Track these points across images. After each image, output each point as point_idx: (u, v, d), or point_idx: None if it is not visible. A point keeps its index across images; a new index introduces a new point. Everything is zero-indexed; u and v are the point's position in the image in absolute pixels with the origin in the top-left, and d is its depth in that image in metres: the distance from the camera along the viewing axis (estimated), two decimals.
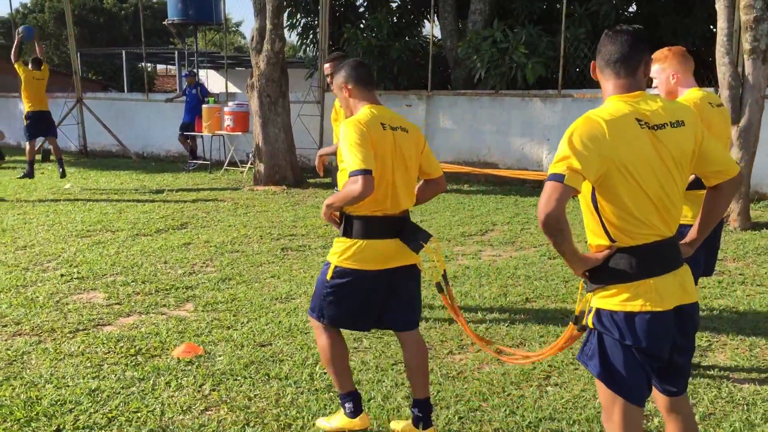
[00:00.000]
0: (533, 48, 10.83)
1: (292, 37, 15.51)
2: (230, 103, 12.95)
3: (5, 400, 3.59)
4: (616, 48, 2.31)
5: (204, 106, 12.83)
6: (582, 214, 2.38)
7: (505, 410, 3.50)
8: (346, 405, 3.23)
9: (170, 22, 20.89)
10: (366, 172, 2.82)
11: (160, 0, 32.70)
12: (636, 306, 2.24)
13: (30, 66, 10.76)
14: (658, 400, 2.50)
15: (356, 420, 3.22)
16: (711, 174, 2.43)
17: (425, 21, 14.29)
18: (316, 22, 13.49)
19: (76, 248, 6.89)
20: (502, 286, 5.64)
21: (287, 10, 13.51)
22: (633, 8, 13.10)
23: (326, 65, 5.00)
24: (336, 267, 3.13)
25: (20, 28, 11.28)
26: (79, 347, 4.32)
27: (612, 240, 2.27)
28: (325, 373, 3.91)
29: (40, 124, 10.55)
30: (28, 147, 10.63)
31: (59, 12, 27.62)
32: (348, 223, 3.10)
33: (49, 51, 34.74)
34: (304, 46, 14.83)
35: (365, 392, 3.68)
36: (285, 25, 12.84)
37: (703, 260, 3.68)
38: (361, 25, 13.42)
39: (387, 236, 3.08)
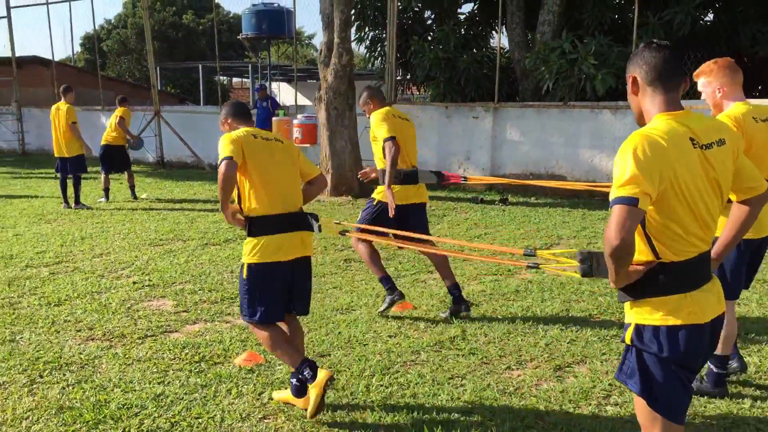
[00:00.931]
0: (603, 59, 10.64)
1: (360, 50, 15.72)
2: (299, 116, 13.20)
3: (76, 402, 3.76)
4: (662, 62, 2.28)
5: (274, 118, 13.12)
6: None
7: (562, 429, 3.45)
8: (305, 372, 3.48)
9: (245, 36, 21.51)
10: (228, 158, 3.39)
11: (236, 15, 33.68)
12: (679, 319, 2.24)
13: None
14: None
15: (300, 403, 3.61)
16: (742, 190, 2.47)
17: (493, 32, 14.23)
18: (384, 35, 13.63)
19: (148, 256, 7.15)
20: (565, 302, 5.54)
21: (355, 24, 13.70)
22: (710, 16, 12.71)
23: None
24: (248, 265, 3.59)
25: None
26: (146, 353, 4.48)
27: (657, 257, 2.26)
28: (381, 385, 3.94)
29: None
30: (103, 176, 11.07)
31: (140, 28, 28.76)
32: (251, 224, 3.55)
33: (131, 65, 36.22)
34: (372, 59, 14.99)
35: (420, 406, 3.69)
36: (353, 38, 13.02)
37: (746, 273, 3.70)
38: (429, 38, 13.47)
39: (284, 231, 3.57)
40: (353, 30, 13.26)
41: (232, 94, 39.30)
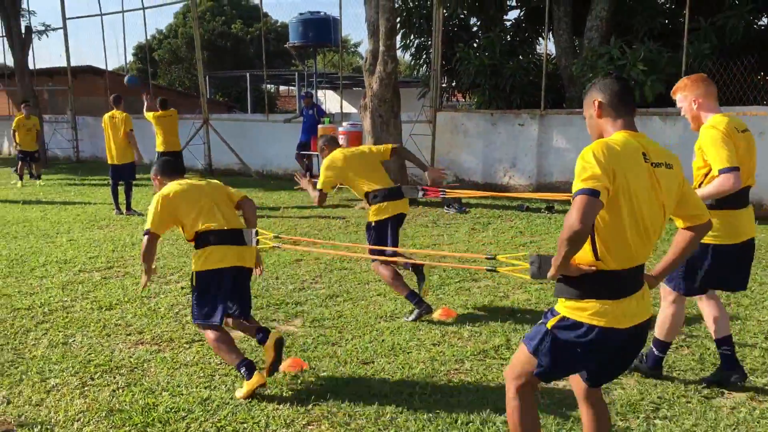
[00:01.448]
0: (653, 65, 10.45)
1: (405, 58, 15.76)
2: (344, 123, 13.28)
3: (125, 405, 3.84)
4: (622, 90, 2.67)
5: (320, 126, 13.23)
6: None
7: None
8: (242, 370, 3.96)
9: (291, 44, 21.74)
10: (148, 232, 4.19)
11: (283, 24, 34.12)
12: (602, 322, 2.52)
13: (158, 108, 11.94)
14: (576, 386, 2.87)
15: (254, 379, 3.93)
16: (686, 217, 2.74)
17: (539, 39, 14.12)
18: (429, 43, 13.65)
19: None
20: None
21: (401, 32, 13.74)
22: (764, 20, 12.39)
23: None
24: (196, 272, 4.12)
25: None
26: (194, 357, 4.56)
27: (597, 258, 2.51)
28: (425, 394, 3.94)
29: None
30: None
31: (190, 37, 29.34)
32: (197, 239, 4.14)
33: (181, 74, 37.00)
34: (417, 66, 15.01)
35: (465, 414, 3.67)
36: (398, 46, 13.05)
37: (732, 277, 3.96)
38: (474, 45, 13.43)
39: (224, 243, 4.09)
40: (399, 38, 13.31)
41: (279, 101, 39.80)
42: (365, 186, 5.52)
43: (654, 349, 4.13)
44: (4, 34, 21.65)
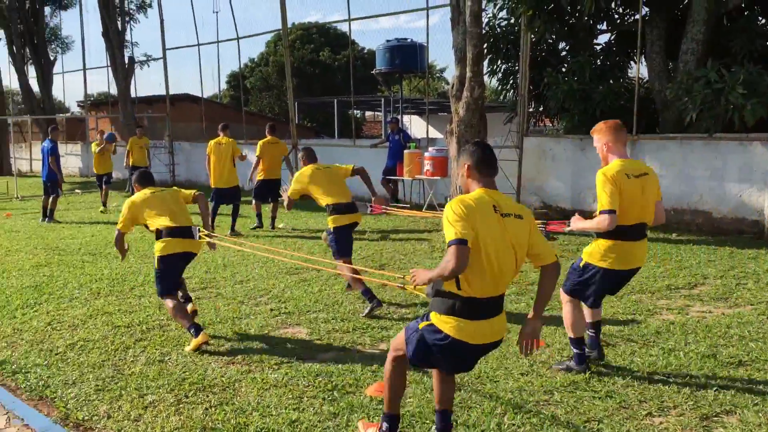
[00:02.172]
0: (753, 88, 10.01)
1: (492, 83, 15.71)
2: (430, 149, 13.33)
3: (218, 423, 3.94)
4: (487, 157, 3.33)
5: (405, 151, 13.33)
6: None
7: None
8: (192, 331, 5.27)
9: (378, 71, 22.10)
10: (118, 231, 5.88)
11: (370, 51, 34.69)
12: (458, 335, 3.22)
13: (267, 133, 12.01)
14: (435, 371, 3.60)
15: (199, 337, 5.22)
16: (534, 257, 3.35)
17: (631, 63, 13.78)
18: (516, 68, 13.56)
19: (284, 285, 7.43)
20: (712, 346, 5.20)
21: (487, 57, 13.72)
22: None
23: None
24: (158, 257, 5.57)
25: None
26: (282, 378, 4.64)
27: (459, 288, 3.19)
28: (513, 424, 3.87)
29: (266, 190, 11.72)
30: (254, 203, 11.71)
31: (281, 65, 30.23)
32: (157, 233, 5.59)
33: (271, 101, 38.12)
34: (504, 92, 14.93)
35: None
36: (485, 71, 13.03)
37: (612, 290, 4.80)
38: (563, 69, 13.24)
39: (178, 236, 5.55)
40: (485, 63, 13.28)
41: (365, 127, 40.38)
42: (323, 200, 6.58)
43: (574, 349, 4.73)
44: (109, 65, 22.96)
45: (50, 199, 13.36)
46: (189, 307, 5.74)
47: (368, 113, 41.26)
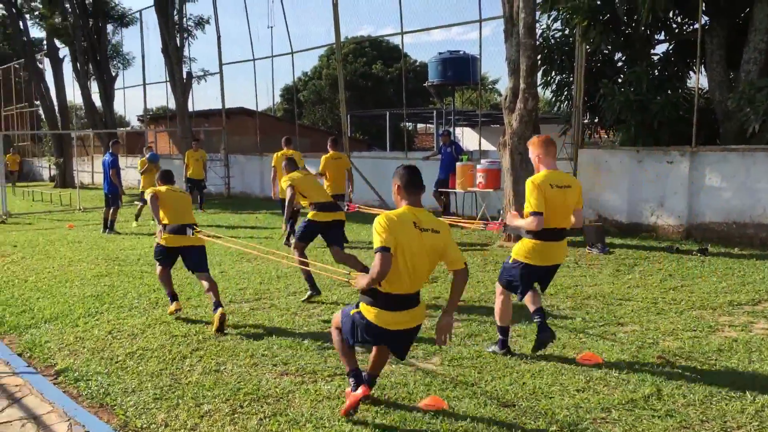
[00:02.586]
0: None
1: (546, 94, 15.54)
2: (483, 161, 13.25)
3: None
4: (413, 180, 4.05)
5: (458, 163, 13.28)
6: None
7: None
8: (170, 299, 6.90)
9: (430, 83, 22.10)
10: (151, 194, 6.83)
11: (422, 63, 34.76)
12: (378, 323, 4.01)
13: (329, 148, 11.75)
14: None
15: (173, 305, 6.81)
16: (448, 263, 4.06)
17: (690, 73, 13.46)
18: (570, 79, 13.40)
19: (337, 296, 7.47)
20: None
21: (541, 69, 13.59)
22: None
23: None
24: (157, 245, 6.88)
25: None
26: (336, 390, 4.65)
27: (379, 286, 3.94)
28: None
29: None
30: None
31: (334, 79, 30.55)
32: (163, 226, 6.68)
33: (324, 114, 38.53)
34: (558, 103, 14.76)
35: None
36: (539, 83, 12.92)
37: (540, 283, 5.45)
38: (619, 80, 13.02)
39: (173, 233, 6.64)
40: (539, 74, 13.16)
41: (417, 139, 40.42)
42: (305, 200, 7.82)
43: (499, 335, 5.49)
44: (168, 80, 23.57)
45: (111, 210, 13.76)
46: (219, 312, 6.22)
47: (420, 126, 41.30)
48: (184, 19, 23.54)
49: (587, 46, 12.53)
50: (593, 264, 9.13)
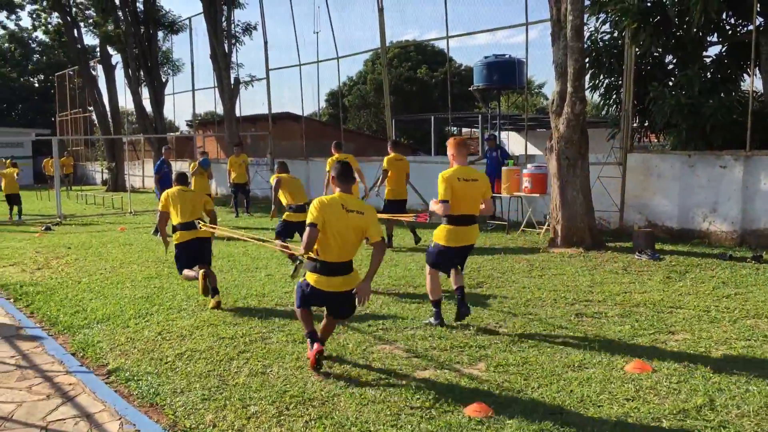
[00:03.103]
0: None
1: (594, 97, 15.32)
2: (529, 165, 13.13)
3: None
4: (344, 173, 5.17)
5: (503, 168, 13.18)
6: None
7: None
8: (190, 278, 7.69)
9: (476, 87, 21.99)
10: (159, 211, 7.81)
11: (467, 67, 34.64)
12: (317, 285, 5.11)
13: (389, 150, 11.90)
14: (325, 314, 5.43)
15: (211, 302, 7.39)
16: (369, 237, 5.11)
17: (744, 75, 13.11)
18: (619, 82, 13.18)
19: (382, 301, 7.48)
20: None
21: (589, 72, 13.40)
22: None
23: None
24: (175, 244, 7.53)
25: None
26: (381, 395, 4.66)
27: (317, 255, 5.06)
28: None
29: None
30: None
31: (379, 83, 30.65)
32: (174, 226, 7.52)
33: (369, 118, 38.68)
34: (606, 107, 14.52)
35: None
36: (587, 86, 12.73)
37: (456, 263, 6.48)
38: (670, 83, 12.76)
39: (184, 230, 7.44)
40: (587, 78, 12.97)
41: None
42: (285, 200, 8.97)
43: (434, 308, 6.50)
44: (216, 85, 23.97)
45: None
46: (214, 299, 7.32)
47: (465, 130, 41.10)
48: (232, 26, 23.90)
49: (637, 49, 12.31)
50: (643, 271, 8.95)
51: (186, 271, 7.61)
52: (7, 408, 4.73)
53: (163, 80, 27.80)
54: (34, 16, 35.42)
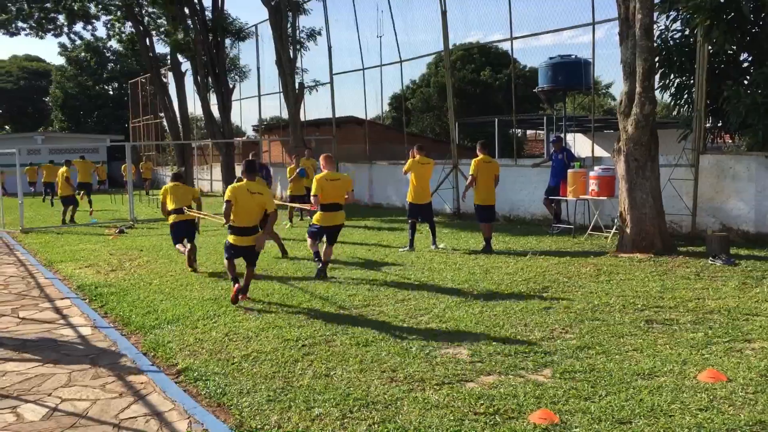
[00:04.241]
0: None
1: (664, 98, 14.88)
2: (596, 168, 12.85)
3: None
4: (249, 168, 8.11)
5: (569, 170, 12.94)
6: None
7: None
8: (179, 247, 10.61)
9: (540, 89, 21.69)
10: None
11: (532, 69, 34.20)
12: (233, 241, 8.01)
13: (416, 153, 11.87)
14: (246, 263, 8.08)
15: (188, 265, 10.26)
16: (267, 209, 7.96)
17: None
18: (691, 81, 12.77)
19: (445, 305, 7.44)
20: None
21: (659, 71, 13.02)
22: None
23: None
24: (170, 223, 10.44)
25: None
26: (444, 399, 4.63)
27: (232, 221, 7.85)
28: None
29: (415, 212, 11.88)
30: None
31: (442, 86, 30.55)
32: (169, 212, 10.36)
33: (432, 121, 38.60)
34: (677, 107, 14.08)
35: None
36: (656, 86, 12.38)
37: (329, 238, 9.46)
38: (745, 82, 12.28)
39: (176, 214, 10.25)
40: (657, 77, 12.60)
41: (527, 145, 39.75)
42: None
43: (315, 258, 9.58)
44: (281, 90, 24.35)
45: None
46: (192, 267, 10.16)
47: (530, 132, 40.59)
48: (297, 32, 24.24)
49: (709, 47, 11.91)
50: (716, 276, 8.64)
51: (179, 246, 10.41)
52: (82, 405, 4.91)
53: (231, 86, 28.38)
54: (108, 26, 36.65)
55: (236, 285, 7.80)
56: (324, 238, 9.41)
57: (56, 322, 7.48)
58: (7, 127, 61.79)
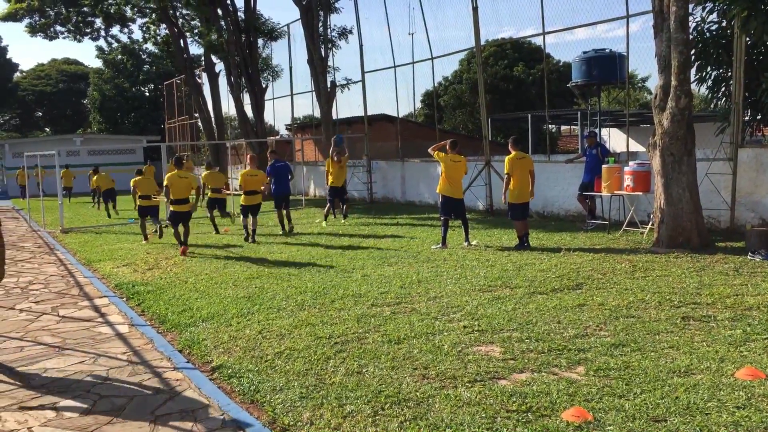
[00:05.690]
0: None
1: (700, 91, 14.62)
2: (631, 163, 12.67)
3: None
4: (178, 163, 12.91)
5: (604, 166, 12.78)
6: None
7: None
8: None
9: (574, 83, 21.47)
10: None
11: (566, 63, 33.85)
12: (174, 208, 12.27)
13: (448, 149, 11.84)
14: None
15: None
16: (192, 188, 12.54)
17: None
18: (728, 74, 12.52)
19: (477, 302, 7.41)
20: None
21: (695, 64, 12.79)
22: None
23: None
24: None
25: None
26: (476, 397, 4.62)
27: (172, 197, 12.21)
28: None
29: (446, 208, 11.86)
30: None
31: (474, 82, 30.40)
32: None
33: (464, 118, 38.45)
34: (714, 100, 13.83)
35: None
36: (692, 79, 12.16)
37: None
38: None
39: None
40: (693, 70, 12.38)
41: (561, 141, 39.36)
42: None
43: (245, 232, 13.45)
44: (313, 89, 24.49)
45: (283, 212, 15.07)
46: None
47: (564, 127, 40.19)
48: (328, 31, 24.33)
49: (747, 38, 11.67)
50: (756, 272, 8.47)
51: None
52: (119, 402, 5.01)
53: (263, 86, 28.61)
54: (144, 29, 37.27)
55: (183, 246, 12.11)
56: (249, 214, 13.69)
57: (95, 320, 7.64)
58: (47, 129, 63.20)
